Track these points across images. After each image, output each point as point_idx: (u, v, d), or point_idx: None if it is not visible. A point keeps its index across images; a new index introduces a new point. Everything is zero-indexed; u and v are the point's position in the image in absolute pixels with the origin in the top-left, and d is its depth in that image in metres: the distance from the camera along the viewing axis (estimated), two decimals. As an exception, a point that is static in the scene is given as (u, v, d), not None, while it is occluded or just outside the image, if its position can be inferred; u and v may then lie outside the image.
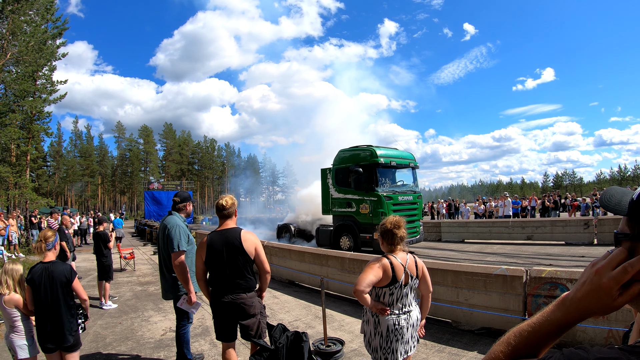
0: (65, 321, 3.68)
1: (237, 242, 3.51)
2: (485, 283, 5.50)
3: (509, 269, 5.36)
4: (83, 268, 12.60)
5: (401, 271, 2.92)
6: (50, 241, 3.81)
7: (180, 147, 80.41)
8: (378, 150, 12.55)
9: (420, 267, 3.08)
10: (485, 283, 5.50)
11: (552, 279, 4.97)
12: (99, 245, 8.50)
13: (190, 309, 4.38)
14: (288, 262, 9.79)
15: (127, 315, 7.34)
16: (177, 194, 4.58)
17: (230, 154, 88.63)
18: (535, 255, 11.88)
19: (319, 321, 6.11)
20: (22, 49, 16.18)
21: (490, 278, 5.46)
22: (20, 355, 3.64)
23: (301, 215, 17.40)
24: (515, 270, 5.32)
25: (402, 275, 2.92)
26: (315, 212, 15.58)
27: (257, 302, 3.63)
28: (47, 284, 3.61)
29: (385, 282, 2.91)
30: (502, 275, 5.34)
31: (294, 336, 2.92)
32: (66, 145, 72.66)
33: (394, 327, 2.91)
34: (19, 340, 3.67)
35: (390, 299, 2.94)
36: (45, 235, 3.83)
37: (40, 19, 19.16)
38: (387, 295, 2.94)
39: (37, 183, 52.20)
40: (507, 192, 31.15)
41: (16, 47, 16.11)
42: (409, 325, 2.97)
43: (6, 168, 19.49)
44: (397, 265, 2.92)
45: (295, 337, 2.91)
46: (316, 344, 5.01)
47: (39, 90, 21.13)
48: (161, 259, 4.51)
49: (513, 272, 5.29)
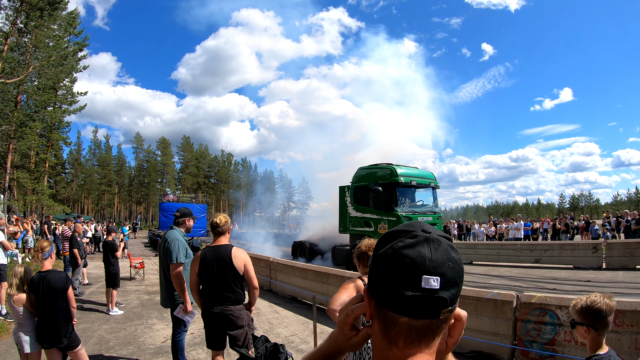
0: (61, 325, 4.01)
1: (228, 258, 3.76)
2: (476, 307, 5.58)
3: (500, 294, 5.45)
4: (94, 275, 12.95)
5: (375, 292, 3.08)
6: (46, 251, 4.19)
7: (197, 160, 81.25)
8: (398, 168, 12.38)
9: None
10: (477, 307, 5.58)
11: (542, 305, 5.04)
12: (107, 254, 8.81)
13: (185, 318, 4.63)
14: (291, 279, 9.93)
15: (131, 322, 7.60)
16: (178, 210, 4.86)
17: (247, 168, 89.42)
18: (540, 279, 11.80)
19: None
20: (44, 62, 16.83)
21: (481, 302, 5.54)
22: (25, 349, 3.97)
23: (316, 232, 17.47)
24: (506, 295, 5.40)
25: (376, 296, 3.08)
26: (331, 230, 15.49)
27: (244, 314, 3.85)
28: (45, 292, 3.95)
29: None
30: (493, 300, 5.43)
31: (272, 347, 3.09)
32: (85, 154, 74.41)
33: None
34: (25, 336, 3.99)
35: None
36: (42, 245, 4.20)
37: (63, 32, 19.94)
38: None
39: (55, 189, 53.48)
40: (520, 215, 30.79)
41: (38, 61, 16.75)
42: None
43: (25, 174, 20.14)
44: (372, 286, 3.08)
45: (274, 348, 3.08)
46: (307, 358, 5.14)
47: (59, 101, 21.93)
48: (161, 269, 4.79)
49: (504, 297, 5.37)
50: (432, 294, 0.73)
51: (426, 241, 0.77)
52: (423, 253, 0.75)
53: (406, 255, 0.75)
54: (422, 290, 0.73)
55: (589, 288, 10.24)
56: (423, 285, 0.73)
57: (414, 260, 0.74)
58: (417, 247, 0.76)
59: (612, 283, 10.72)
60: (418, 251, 0.75)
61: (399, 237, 0.79)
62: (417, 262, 0.74)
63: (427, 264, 0.74)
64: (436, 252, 0.76)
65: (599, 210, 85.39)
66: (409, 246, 0.77)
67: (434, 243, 0.78)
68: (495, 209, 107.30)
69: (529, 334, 5.08)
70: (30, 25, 16.16)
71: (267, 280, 10.85)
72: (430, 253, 0.76)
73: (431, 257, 0.75)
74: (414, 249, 0.76)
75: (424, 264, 0.74)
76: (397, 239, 0.79)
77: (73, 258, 10.27)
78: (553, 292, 9.77)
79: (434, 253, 0.76)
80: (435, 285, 0.73)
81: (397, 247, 0.77)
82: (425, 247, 0.76)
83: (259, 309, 8.66)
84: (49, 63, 17.02)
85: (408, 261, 0.74)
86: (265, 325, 7.43)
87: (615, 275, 11.98)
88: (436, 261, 0.75)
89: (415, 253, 0.75)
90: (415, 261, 0.74)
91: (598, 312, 2.23)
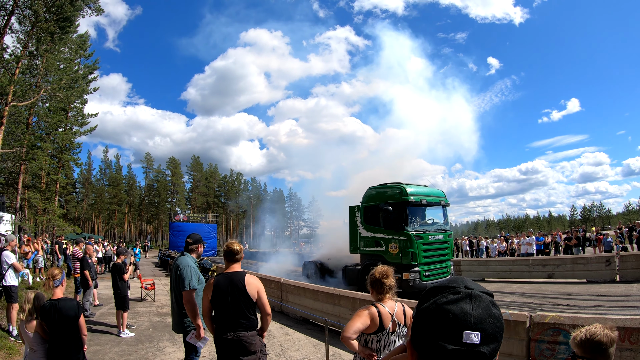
0: (72, 353, 4.02)
1: (241, 284, 3.77)
2: (489, 327, 5.53)
3: (512, 314, 5.39)
4: (105, 295, 12.98)
5: (388, 319, 3.09)
6: (57, 279, 4.22)
7: (207, 179, 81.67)
8: (408, 188, 12.35)
9: (409, 315, 3.23)
10: (490, 327, 5.52)
11: (555, 324, 4.97)
12: (114, 276, 8.84)
13: (197, 344, 4.61)
14: (303, 300, 9.89)
15: (142, 345, 7.61)
16: (190, 236, 4.90)
17: (256, 188, 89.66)
18: (554, 295, 11.66)
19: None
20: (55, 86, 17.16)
21: (494, 322, 5.49)
22: None
23: (327, 252, 17.38)
24: (519, 315, 5.34)
25: (390, 323, 3.08)
26: (342, 250, 15.38)
27: (257, 340, 3.85)
28: (56, 320, 3.96)
29: (372, 329, 3.07)
30: (506, 320, 5.36)
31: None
32: (95, 173, 75.31)
33: None
34: None
35: (378, 345, 3.10)
36: (53, 273, 4.22)
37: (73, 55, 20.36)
38: (375, 342, 3.10)
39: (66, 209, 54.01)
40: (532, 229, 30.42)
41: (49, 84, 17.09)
42: None
43: (36, 194, 20.38)
44: (385, 314, 3.09)
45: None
46: (319, 382, 5.12)
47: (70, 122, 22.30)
48: (172, 295, 4.81)
49: (517, 317, 5.31)
50: (473, 348, 0.77)
51: (468, 297, 0.82)
52: (465, 309, 0.80)
53: (449, 311, 0.80)
54: (463, 344, 0.77)
55: (603, 302, 10.12)
56: (464, 340, 0.77)
57: (456, 316, 0.79)
58: (459, 303, 0.81)
59: (627, 297, 10.55)
60: (460, 307, 0.80)
61: (443, 293, 0.84)
62: (459, 317, 0.79)
63: (468, 319, 0.79)
64: (477, 308, 0.81)
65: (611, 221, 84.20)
66: (452, 302, 0.81)
67: (476, 299, 0.82)
68: (507, 223, 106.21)
69: (543, 354, 5.01)
70: (42, 49, 16.50)
71: (278, 302, 10.82)
72: (472, 309, 0.80)
73: (472, 313, 0.80)
74: (457, 305, 0.80)
75: (465, 320, 0.79)
76: (441, 295, 0.84)
77: (84, 279, 10.34)
78: (567, 309, 9.64)
79: (476, 309, 0.80)
80: (475, 340, 0.78)
81: (441, 303, 0.82)
82: (467, 304, 0.81)
83: (270, 331, 8.61)
84: (60, 86, 17.36)
85: (450, 316, 0.79)
86: (277, 348, 7.39)
87: (629, 288, 11.80)
88: (477, 317, 0.80)
89: (457, 309, 0.80)
90: (457, 317, 0.79)
91: (598, 345, 2.16)
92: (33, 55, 17.01)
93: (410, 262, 11.61)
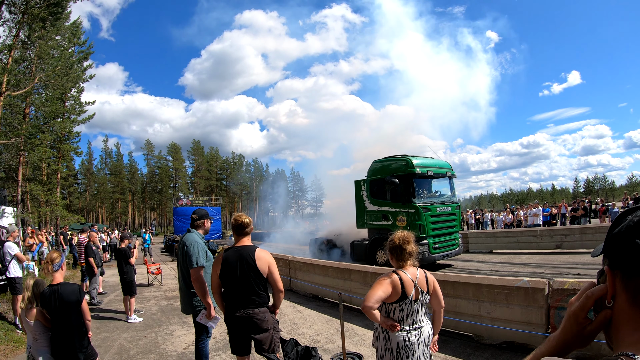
0: (76, 340, 3.82)
1: (251, 259, 3.57)
2: (507, 296, 5.38)
3: (530, 281, 5.22)
4: (112, 283, 12.94)
5: (411, 287, 2.90)
6: (56, 262, 3.99)
7: (208, 163, 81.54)
8: (414, 159, 12.15)
9: (431, 282, 3.06)
10: (507, 296, 5.38)
11: (575, 290, 4.80)
12: (120, 261, 8.71)
13: (208, 324, 4.44)
14: (312, 277, 9.77)
15: (151, 329, 7.50)
16: (195, 212, 4.69)
17: (258, 169, 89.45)
18: (563, 265, 11.53)
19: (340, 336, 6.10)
20: (49, 72, 16.84)
21: (512, 291, 5.33)
22: None
23: (332, 229, 17.26)
24: (537, 282, 5.16)
25: (412, 291, 2.90)
26: (347, 225, 15.32)
27: (269, 317, 3.67)
28: (57, 306, 3.77)
29: (394, 298, 2.89)
30: (524, 288, 5.21)
31: (304, 351, 2.94)
32: (97, 164, 75.24)
33: (404, 344, 2.89)
34: (40, 351, 3.82)
35: (401, 314, 2.92)
36: (52, 257, 4.00)
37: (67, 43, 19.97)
38: (397, 311, 2.92)
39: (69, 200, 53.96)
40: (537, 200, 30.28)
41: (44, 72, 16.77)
42: (420, 341, 2.92)
43: (37, 186, 20.24)
44: (407, 281, 2.90)
45: (305, 351, 2.93)
46: (334, 358, 4.99)
47: (67, 112, 22.03)
48: (180, 274, 4.62)
49: (535, 284, 5.14)
50: None
51: None
52: None
53: None
54: None
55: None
56: None
57: None
58: None
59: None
60: None
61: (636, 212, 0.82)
62: None
63: None
64: None
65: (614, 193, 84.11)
66: None
67: None
68: (510, 197, 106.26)
69: (564, 321, 4.86)
70: (34, 36, 16.16)
71: (287, 279, 10.71)
72: None
73: None
74: None
75: None
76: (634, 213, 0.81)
77: (89, 267, 10.23)
78: (580, 278, 9.49)
79: None
80: None
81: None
82: None
83: (281, 309, 8.49)
84: (54, 73, 17.04)
85: None
86: (289, 326, 7.27)
87: None
88: None
89: None
90: None
91: None
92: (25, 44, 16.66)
93: (418, 235, 11.43)
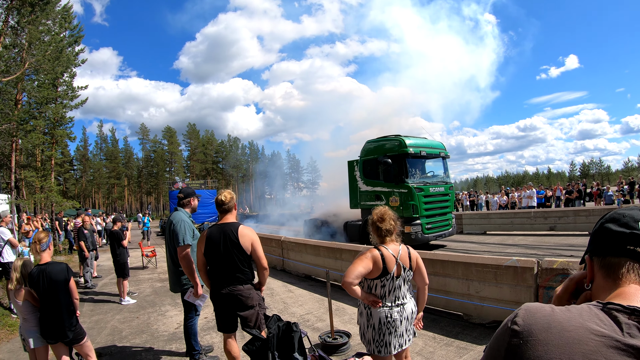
0: (65, 319, 3.87)
1: (234, 236, 3.56)
2: (496, 275, 5.39)
3: (519, 260, 5.22)
4: (106, 266, 12.93)
5: (392, 262, 2.88)
6: (44, 242, 4.02)
7: (204, 146, 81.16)
8: (407, 139, 12.10)
9: (414, 258, 3.03)
10: (496, 275, 5.39)
11: (564, 270, 4.81)
12: (113, 244, 8.70)
13: (196, 302, 4.46)
14: (304, 257, 9.80)
15: (144, 310, 7.54)
16: (181, 191, 4.67)
17: (254, 152, 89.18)
18: (556, 246, 11.59)
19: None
20: (40, 57, 16.58)
21: (500, 270, 5.34)
22: (30, 344, 3.84)
23: (327, 210, 17.29)
24: (526, 261, 5.16)
25: (394, 267, 2.88)
26: (342, 207, 15.32)
27: (254, 294, 3.67)
28: (46, 285, 3.80)
29: (376, 274, 2.87)
30: (513, 267, 5.21)
31: (285, 326, 2.94)
32: (92, 149, 74.85)
33: (386, 320, 2.88)
34: (29, 331, 3.85)
35: (382, 291, 2.90)
36: (39, 237, 4.03)
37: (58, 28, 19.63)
38: (379, 287, 2.91)
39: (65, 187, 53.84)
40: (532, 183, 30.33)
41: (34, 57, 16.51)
42: (403, 318, 2.91)
43: (31, 173, 20.09)
44: (388, 257, 2.88)
45: (286, 327, 2.93)
46: (323, 336, 5.02)
47: (60, 97, 21.77)
48: (168, 253, 4.62)
49: (524, 263, 5.14)
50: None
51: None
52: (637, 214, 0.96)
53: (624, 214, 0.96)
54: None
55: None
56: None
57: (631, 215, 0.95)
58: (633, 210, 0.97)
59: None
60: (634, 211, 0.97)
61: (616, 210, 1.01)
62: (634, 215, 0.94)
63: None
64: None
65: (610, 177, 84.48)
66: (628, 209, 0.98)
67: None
68: (506, 179, 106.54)
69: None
70: (23, 21, 15.86)
71: (279, 260, 10.75)
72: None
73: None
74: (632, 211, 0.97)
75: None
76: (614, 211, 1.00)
77: (81, 251, 10.23)
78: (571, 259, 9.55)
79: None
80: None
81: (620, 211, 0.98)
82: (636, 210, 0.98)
83: (273, 289, 8.57)
84: (44, 58, 16.76)
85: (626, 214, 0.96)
86: (280, 305, 7.32)
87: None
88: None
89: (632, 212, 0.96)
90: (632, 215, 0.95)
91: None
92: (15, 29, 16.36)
93: (411, 215, 11.49)
